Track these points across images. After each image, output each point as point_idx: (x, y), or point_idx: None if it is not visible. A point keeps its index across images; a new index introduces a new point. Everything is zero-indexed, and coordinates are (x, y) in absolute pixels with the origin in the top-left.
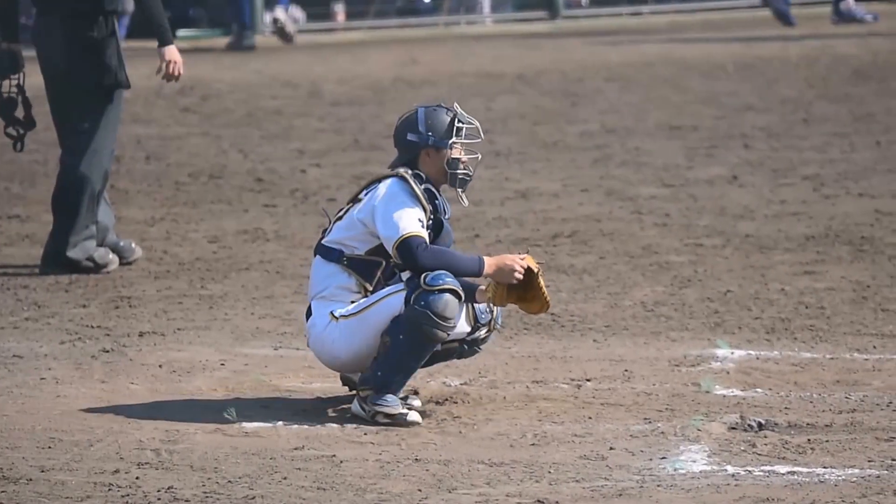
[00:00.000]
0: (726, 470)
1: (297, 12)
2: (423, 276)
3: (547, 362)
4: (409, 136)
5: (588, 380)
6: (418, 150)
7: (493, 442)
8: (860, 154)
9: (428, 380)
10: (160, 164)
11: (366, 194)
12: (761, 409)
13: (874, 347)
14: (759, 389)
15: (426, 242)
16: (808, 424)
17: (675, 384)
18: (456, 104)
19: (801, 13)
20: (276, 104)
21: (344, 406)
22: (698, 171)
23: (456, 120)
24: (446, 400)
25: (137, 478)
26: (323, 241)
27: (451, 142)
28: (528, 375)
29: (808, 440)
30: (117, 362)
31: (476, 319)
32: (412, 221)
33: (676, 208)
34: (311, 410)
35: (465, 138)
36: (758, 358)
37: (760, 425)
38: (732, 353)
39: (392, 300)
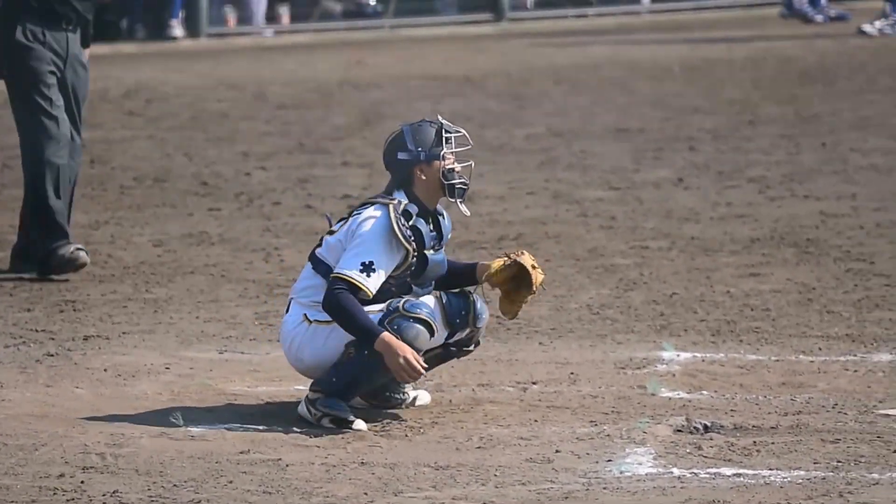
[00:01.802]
0: (672, 472)
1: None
2: (403, 301)
3: (493, 365)
4: (400, 156)
5: (534, 383)
6: (411, 167)
7: (440, 445)
8: (806, 156)
9: None
10: (105, 168)
11: (355, 215)
12: (707, 412)
13: (819, 349)
14: (704, 392)
15: (350, 289)
16: (753, 427)
17: (620, 387)
18: (439, 116)
19: (748, 14)
20: (222, 107)
21: (290, 410)
22: (644, 173)
23: (443, 130)
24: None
25: (82, 482)
26: (316, 252)
27: (442, 152)
28: (475, 379)
29: (754, 442)
30: (62, 366)
31: (450, 323)
32: (360, 268)
33: (622, 211)
34: (257, 414)
35: (454, 147)
36: (703, 360)
37: (706, 428)
38: (678, 355)
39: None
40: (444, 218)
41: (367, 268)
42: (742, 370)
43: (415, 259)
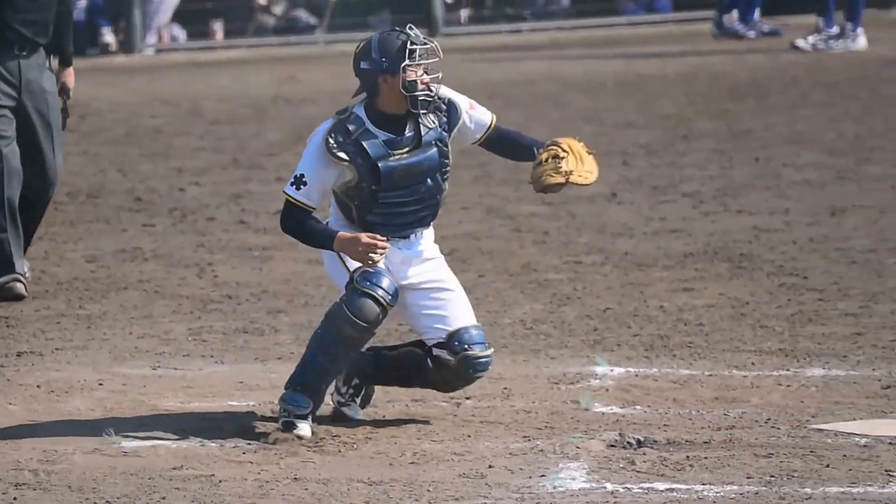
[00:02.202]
0: (605, 487)
1: (178, 31)
2: (355, 272)
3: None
4: (363, 65)
5: (468, 398)
6: (375, 77)
7: (373, 461)
8: (739, 171)
9: None
10: None
11: None
12: (640, 426)
13: (752, 364)
14: (637, 406)
15: (295, 209)
16: (686, 441)
17: (554, 402)
18: (411, 26)
19: (681, 30)
20: (156, 123)
21: (224, 425)
22: (578, 188)
23: (409, 42)
24: (326, 418)
25: (15, 498)
26: None
27: (403, 65)
28: (408, 394)
29: (687, 457)
30: None
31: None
32: (292, 182)
33: (556, 226)
34: (190, 430)
35: (418, 59)
36: (637, 375)
37: (639, 442)
38: (611, 370)
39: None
40: (433, 118)
41: (298, 181)
42: (675, 385)
43: (364, 170)
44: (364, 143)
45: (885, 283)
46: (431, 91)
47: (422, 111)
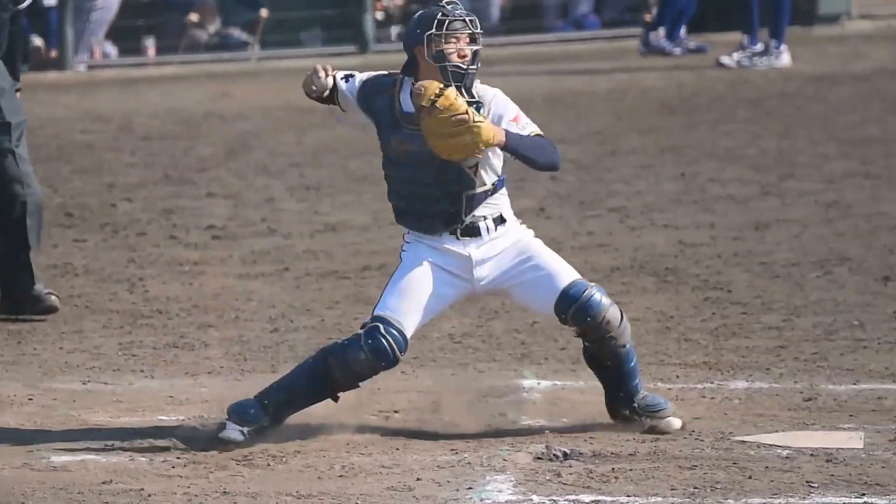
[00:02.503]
0: (532, 499)
1: (110, 47)
2: (366, 325)
3: (355, 394)
4: (406, 38)
5: (396, 411)
6: (412, 49)
7: (301, 474)
8: (665, 186)
9: None
10: None
11: None
12: (567, 439)
13: (677, 377)
14: (564, 419)
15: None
16: (612, 454)
17: (482, 415)
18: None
19: (609, 47)
20: (87, 139)
21: (151, 440)
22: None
23: (439, 13)
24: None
25: None
26: None
27: (428, 33)
28: (337, 408)
29: (612, 469)
30: None
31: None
32: (346, 77)
33: None
34: (119, 444)
35: (447, 30)
36: (563, 388)
37: (565, 455)
38: (539, 383)
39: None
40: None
41: (349, 76)
42: (601, 398)
43: (378, 129)
44: (375, 101)
45: (808, 296)
46: (462, 64)
47: (454, 83)
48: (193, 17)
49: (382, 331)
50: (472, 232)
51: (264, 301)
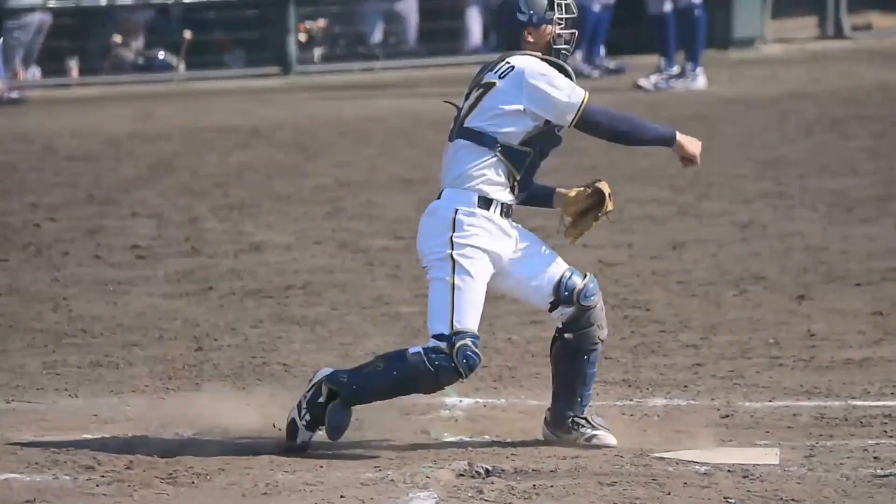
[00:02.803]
0: None
1: (33, 68)
2: (460, 334)
3: (280, 412)
4: (519, 16)
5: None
6: (521, 30)
7: (226, 492)
8: None
9: (160, 430)
10: None
11: (499, 78)
12: (488, 456)
13: (597, 394)
14: (486, 436)
15: (589, 107)
16: (533, 470)
17: (405, 432)
18: None
19: None
20: (10, 159)
21: (77, 458)
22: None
23: None
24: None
25: None
26: (468, 125)
27: (554, 17)
28: (260, 426)
29: (534, 485)
30: None
31: (556, 292)
32: (577, 89)
33: (407, 260)
34: (44, 463)
35: (564, 13)
36: (485, 406)
37: (487, 472)
38: (461, 401)
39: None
40: None
41: (571, 87)
42: (523, 415)
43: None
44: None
45: (724, 314)
46: (570, 47)
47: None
48: (117, 37)
49: (471, 347)
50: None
51: (188, 320)
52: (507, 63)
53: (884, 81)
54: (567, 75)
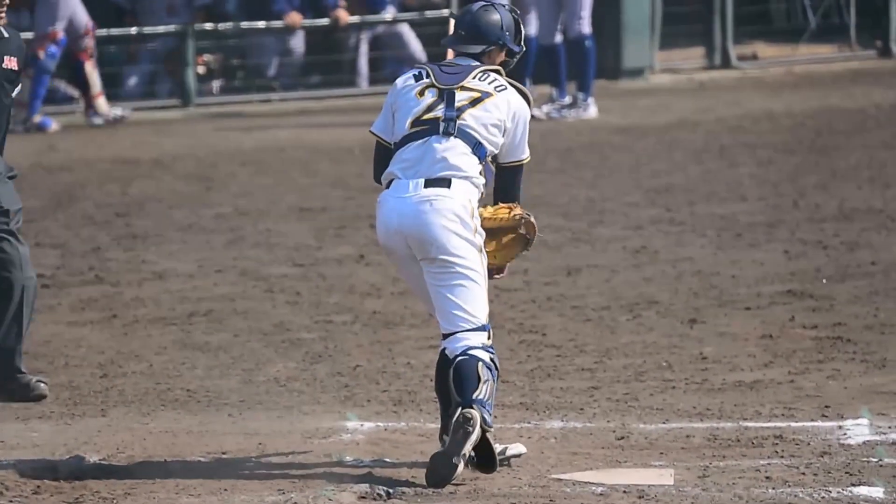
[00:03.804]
0: None
1: None
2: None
3: (184, 437)
4: (498, 32)
5: (224, 453)
6: (492, 45)
7: None
8: None
9: (66, 455)
10: None
11: (495, 91)
12: (389, 478)
13: (495, 417)
14: (387, 459)
15: None
16: (433, 492)
17: (307, 456)
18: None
19: None
20: None
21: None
22: (328, 250)
23: (521, 25)
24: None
25: None
26: (464, 126)
27: (515, 49)
28: (166, 450)
29: None
30: None
31: None
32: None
33: (307, 287)
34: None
35: (521, 45)
36: (386, 429)
37: (388, 493)
38: (362, 425)
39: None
40: None
41: None
42: (423, 438)
43: None
44: None
45: (619, 339)
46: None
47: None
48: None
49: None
50: None
51: (93, 347)
52: (497, 79)
53: (769, 109)
54: None
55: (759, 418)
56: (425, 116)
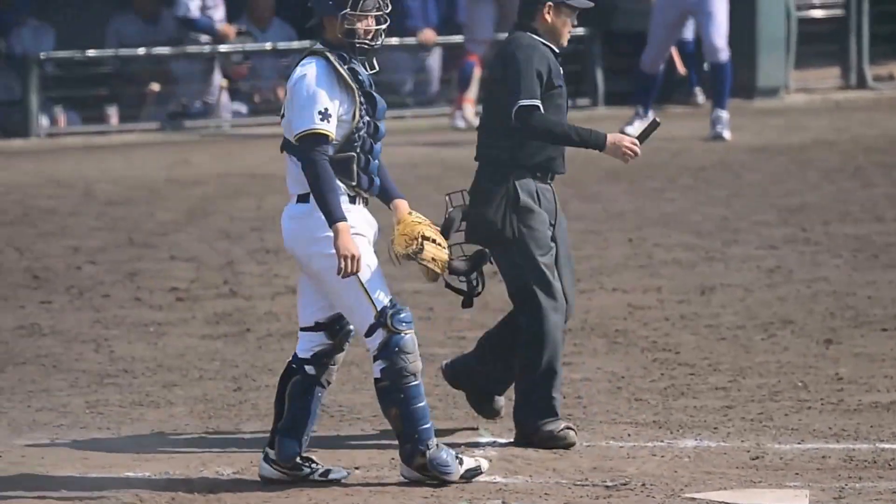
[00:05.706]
0: None
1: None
2: (386, 311)
3: (317, 451)
4: (311, 2)
5: (357, 468)
6: (320, 17)
7: None
8: (613, 250)
9: (200, 468)
10: None
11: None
12: (522, 496)
13: (628, 435)
14: (519, 476)
15: (316, 141)
16: None
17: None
18: None
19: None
20: (51, 203)
21: (118, 496)
22: None
23: None
24: None
25: None
26: (289, 137)
27: (343, 12)
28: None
29: None
30: None
31: None
32: (319, 117)
33: (440, 302)
34: (88, 500)
35: (360, 10)
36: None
37: None
38: (495, 441)
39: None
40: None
41: (325, 115)
42: (556, 455)
43: (363, 100)
44: (357, 69)
45: (753, 358)
46: (374, 43)
47: (359, 57)
48: (155, 86)
49: (400, 312)
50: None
51: (227, 361)
52: (292, 76)
53: None
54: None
55: (895, 440)
56: None
